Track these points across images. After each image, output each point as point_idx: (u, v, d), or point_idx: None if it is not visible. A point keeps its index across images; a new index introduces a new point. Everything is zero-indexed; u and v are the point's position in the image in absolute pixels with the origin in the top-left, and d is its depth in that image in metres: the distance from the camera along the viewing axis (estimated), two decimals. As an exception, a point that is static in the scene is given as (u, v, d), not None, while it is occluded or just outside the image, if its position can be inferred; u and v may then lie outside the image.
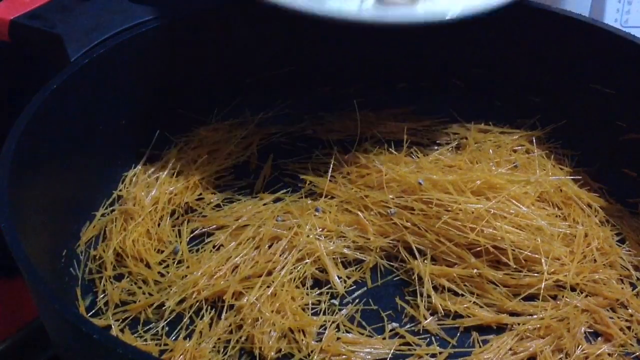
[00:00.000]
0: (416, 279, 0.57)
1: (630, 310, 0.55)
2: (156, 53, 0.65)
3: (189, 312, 0.55)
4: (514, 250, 0.56)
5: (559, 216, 0.61)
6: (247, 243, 0.58)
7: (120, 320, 0.55)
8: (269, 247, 0.58)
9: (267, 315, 0.53)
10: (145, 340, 0.53)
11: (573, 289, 0.56)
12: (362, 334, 0.54)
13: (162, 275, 0.57)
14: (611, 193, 0.65)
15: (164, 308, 0.55)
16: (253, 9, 0.66)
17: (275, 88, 0.71)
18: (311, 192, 0.64)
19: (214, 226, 0.61)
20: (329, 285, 0.57)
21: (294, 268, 0.57)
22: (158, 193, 0.63)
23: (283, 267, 0.56)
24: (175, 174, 0.65)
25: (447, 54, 0.71)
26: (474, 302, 0.55)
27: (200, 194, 0.64)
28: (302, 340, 0.52)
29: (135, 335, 0.54)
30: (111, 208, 0.63)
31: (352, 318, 0.55)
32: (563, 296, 0.55)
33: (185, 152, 0.67)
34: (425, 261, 0.57)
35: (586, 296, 0.55)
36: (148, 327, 0.54)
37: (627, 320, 0.55)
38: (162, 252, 0.59)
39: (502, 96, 0.72)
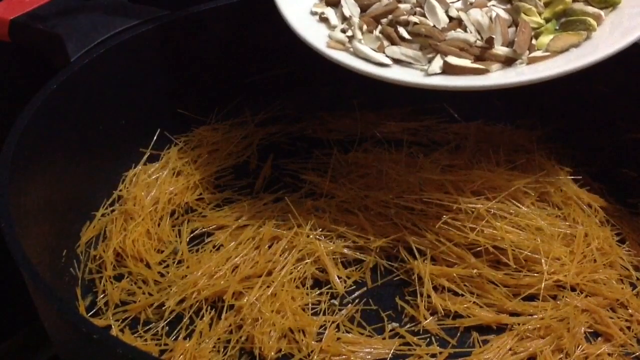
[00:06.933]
0: (416, 279, 0.57)
1: (630, 310, 0.55)
2: (156, 53, 0.65)
3: (189, 312, 0.55)
4: (514, 250, 0.56)
5: (559, 216, 0.61)
6: (247, 243, 0.58)
7: (120, 320, 0.55)
8: (269, 247, 0.58)
9: (267, 315, 0.53)
10: (145, 340, 0.53)
11: (573, 289, 0.56)
12: (362, 334, 0.54)
13: (162, 275, 0.58)
14: (611, 193, 0.65)
15: (164, 308, 0.55)
16: (252, 9, 0.67)
17: (275, 88, 0.71)
18: (311, 192, 0.64)
19: (214, 226, 0.61)
20: (329, 285, 0.57)
21: (294, 268, 0.57)
22: (158, 193, 0.63)
23: (283, 267, 0.56)
24: (175, 174, 0.65)
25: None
26: (474, 302, 0.55)
27: (200, 194, 0.64)
28: (302, 340, 0.52)
29: (135, 335, 0.54)
30: (111, 208, 0.63)
31: (352, 318, 0.55)
32: (563, 296, 0.55)
33: (185, 152, 0.67)
34: (425, 261, 0.57)
35: (586, 296, 0.55)
36: (148, 327, 0.54)
37: (627, 320, 0.55)
38: (162, 252, 0.60)
39: (502, 96, 0.72)
